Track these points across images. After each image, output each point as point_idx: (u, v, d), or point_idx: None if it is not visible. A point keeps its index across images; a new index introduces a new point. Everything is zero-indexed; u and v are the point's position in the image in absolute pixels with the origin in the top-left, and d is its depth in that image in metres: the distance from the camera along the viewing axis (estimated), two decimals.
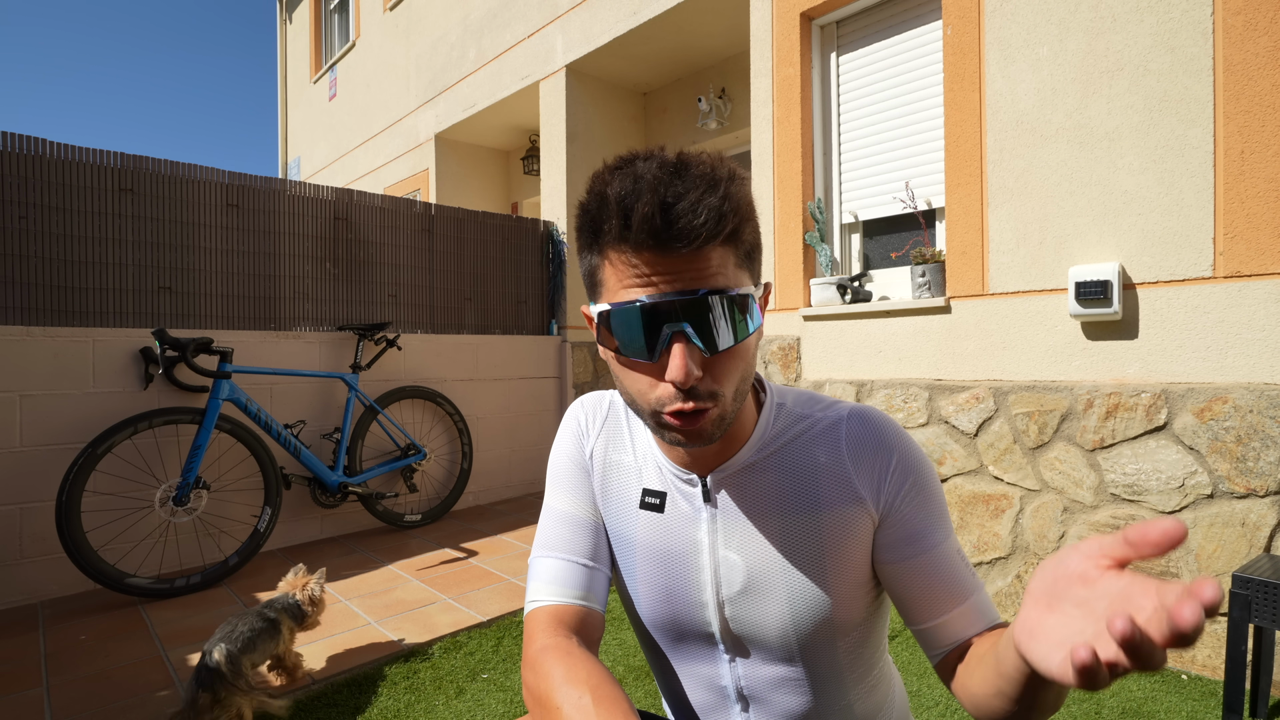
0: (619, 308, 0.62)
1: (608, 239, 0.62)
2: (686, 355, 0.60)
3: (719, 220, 0.58)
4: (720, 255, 0.61)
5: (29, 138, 2.78)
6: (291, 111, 9.53)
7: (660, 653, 0.82)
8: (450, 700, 1.93)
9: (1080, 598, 0.44)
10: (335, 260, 3.70)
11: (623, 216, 0.59)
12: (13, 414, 2.65)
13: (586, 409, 0.86)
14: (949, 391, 2.58)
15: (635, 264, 0.60)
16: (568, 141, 4.84)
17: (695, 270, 0.60)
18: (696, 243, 0.58)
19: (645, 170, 0.60)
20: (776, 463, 0.75)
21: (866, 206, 3.06)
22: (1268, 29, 1.94)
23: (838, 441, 0.74)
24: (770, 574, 0.73)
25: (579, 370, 4.71)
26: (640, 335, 0.61)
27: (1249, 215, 1.98)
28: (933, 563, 0.70)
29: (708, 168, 0.61)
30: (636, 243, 0.59)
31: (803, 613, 0.73)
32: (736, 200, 0.60)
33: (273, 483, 3.01)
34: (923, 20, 2.84)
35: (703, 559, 0.76)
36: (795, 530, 0.73)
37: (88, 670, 2.06)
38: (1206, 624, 1.96)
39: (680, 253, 0.59)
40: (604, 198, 0.61)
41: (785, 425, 0.76)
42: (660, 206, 0.58)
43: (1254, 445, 1.92)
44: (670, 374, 0.61)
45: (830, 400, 0.79)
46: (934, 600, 0.70)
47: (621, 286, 0.62)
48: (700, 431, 0.64)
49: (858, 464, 0.73)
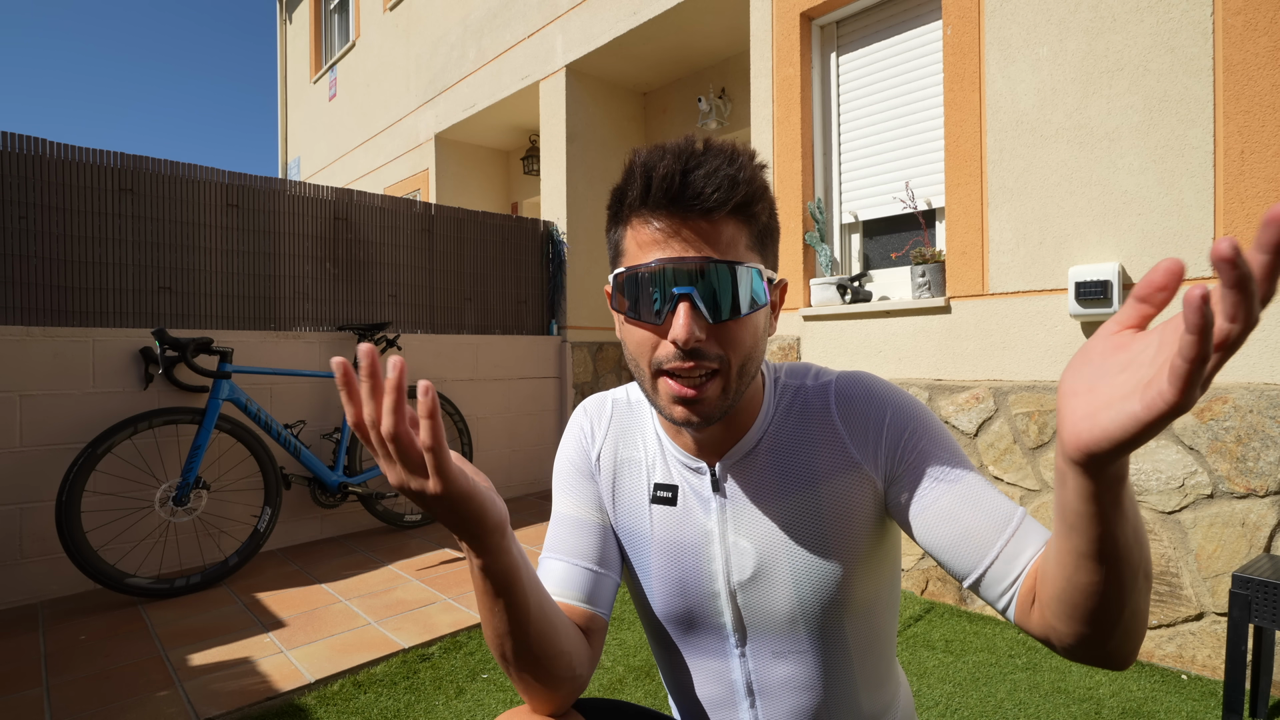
0: (633, 270, 0.66)
1: (630, 204, 0.67)
2: (690, 316, 0.63)
3: (732, 187, 0.63)
4: (733, 230, 0.65)
5: (29, 138, 2.78)
6: (291, 111, 9.53)
7: (671, 648, 0.82)
8: (450, 700, 1.93)
9: (1121, 363, 0.42)
10: (335, 260, 3.70)
11: (645, 179, 0.64)
12: (13, 414, 2.65)
13: (590, 413, 0.86)
14: (949, 391, 2.58)
15: (654, 227, 0.65)
16: (568, 141, 4.84)
17: (708, 240, 0.64)
18: (710, 205, 0.63)
19: (671, 145, 0.66)
20: (774, 441, 0.75)
21: (866, 206, 3.06)
22: (1268, 29, 1.94)
23: (828, 407, 0.74)
24: (776, 556, 0.73)
25: (579, 370, 4.71)
26: (650, 296, 0.65)
27: (1249, 215, 1.98)
28: (962, 495, 0.66)
29: (729, 146, 0.66)
30: (654, 204, 0.64)
31: (808, 593, 0.73)
32: (751, 174, 0.65)
33: (273, 483, 3.01)
34: (922, 20, 2.84)
35: (714, 548, 0.76)
36: (796, 508, 0.73)
37: (88, 670, 2.06)
38: (1207, 624, 1.96)
39: (695, 219, 0.64)
40: (631, 168, 0.67)
41: (777, 399, 0.77)
42: (681, 170, 0.63)
43: (1254, 445, 1.92)
44: (673, 332, 0.64)
45: (818, 368, 0.79)
46: (979, 536, 0.64)
47: (640, 251, 0.67)
48: (704, 401, 0.66)
49: (850, 426, 0.73)
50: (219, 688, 1.94)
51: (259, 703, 1.88)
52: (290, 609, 2.53)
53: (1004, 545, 0.63)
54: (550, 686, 0.68)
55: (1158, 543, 2.08)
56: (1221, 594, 1.96)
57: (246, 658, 2.13)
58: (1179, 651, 2.05)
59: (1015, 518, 0.64)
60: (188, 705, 1.85)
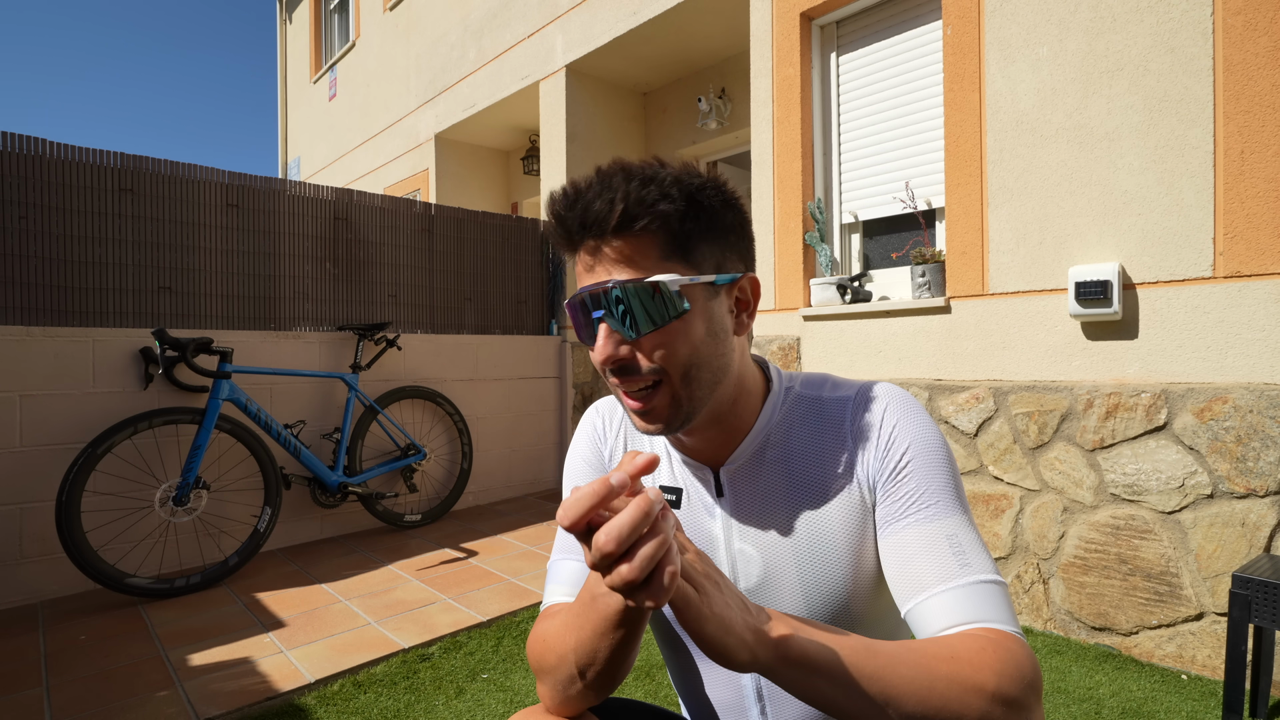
0: (569, 302, 0.70)
1: (559, 244, 0.70)
2: (607, 338, 0.67)
3: (610, 207, 0.64)
4: (638, 245, 0.66)
5: (29, 138, 2.78)
6: (291, 111, 9.53)
7: (681, 651, 0.82)
8: (450, 700, 1.93)
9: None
10: (335, 260, 3.70)
11: (555, 219, 0.68)
12: (13, 414, 2.65)
13: (602, 413, 0.87)
14: (949, 391, 2.58)
15: (581, 259, 0.69)
16: (568, 141, 4.84)
17: (618, 261, 0.66)
18: (604, 229, 0.65)
19: (572, 180, 0.68)
20: (784, 451, 0.74)
21: (866, 206, 3.06)
22: (1268, 29, 1.94)
23: (843, 422, 0.74)
24: (784, 565, 0.73)
25: (579, 370, 4.71)
26: (581, 322, 0.70)
27: (1249, 215, 1.98)
28: (911, 541, 0.65)
29: (623, 165, 0.67)
30: (571, 241, 0.68)
31: (818, 604, 0.73)
32: (632, 190, 0.64)
33: (273, 483, 3.01)
34: (923, 20, 2.84)
35: (719, 554, 0.76)
36: (806, 520, 0.73)
37: (88, 670, 2.06)
38: (1207, 624, 1.96)
39: (608, 242, 0.66)
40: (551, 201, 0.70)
41: (791, 409, 0.76)
42: (567, 206, 0.66)
43: (1254, 445, 1.92)
44: (594, 355, 0.68)
45: (843, 381, 0.78)
46: (908, 580, 0.64)
47: (579, 281, 0.70)
48: (653, 411, 0.69)
49: (859, 441, 0.72)
50: (219, 688, 1.94)
51: (259, 703, 1.88)
52: (290, 609, 2.53)
53: (917, 602, 0.63)
54: (600, 697, 0.68)
55: (1158, 543, 2.08)
56: (1221, 594, 1.96)
57: (246, 658, 2.13)
58: (1179, 651, 2.05)
59: (952, 581, 0.62)
60: (188, 705, 1.85)
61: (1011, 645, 0.58)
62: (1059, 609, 2.30)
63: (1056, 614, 2.31)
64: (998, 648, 0.57)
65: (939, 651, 0.57)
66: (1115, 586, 2.17)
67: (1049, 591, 2.32)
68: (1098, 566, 2.21)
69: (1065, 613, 2.29)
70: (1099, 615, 2.21)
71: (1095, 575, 2.21)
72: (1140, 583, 2.12)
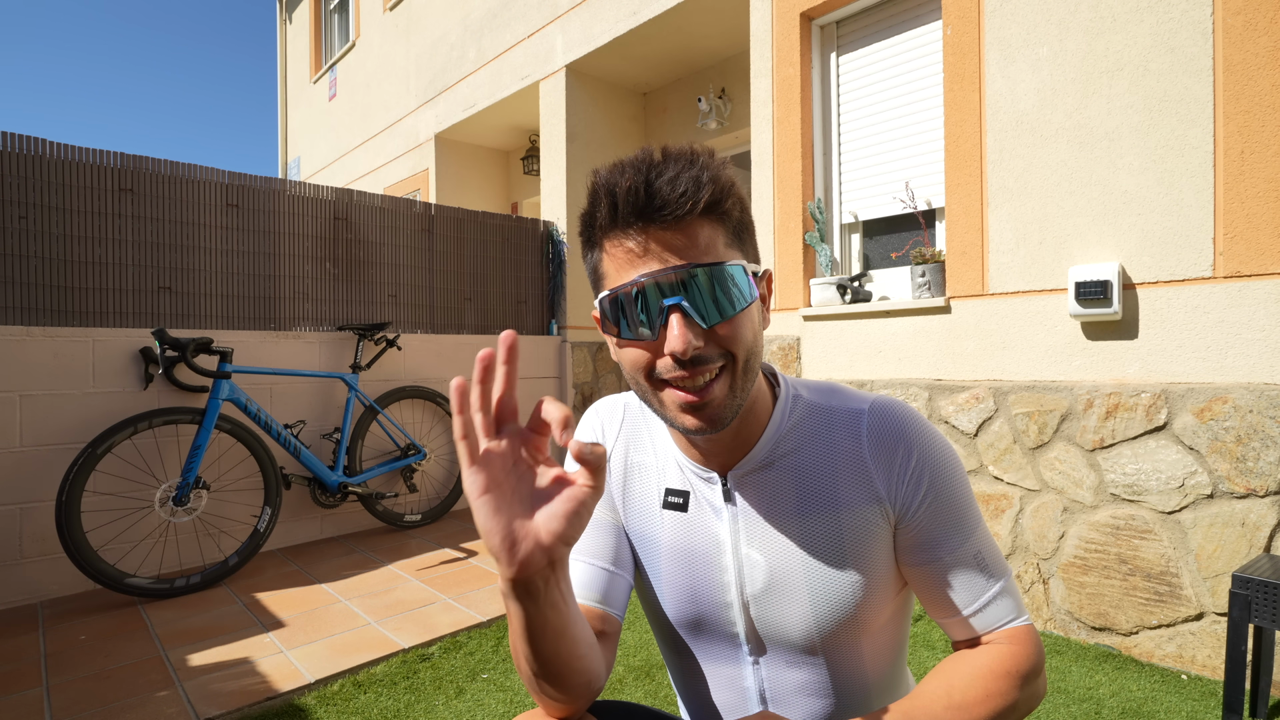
0: (618, 291, 0.65)
1: (600, 227, 0.66)
2: (684, 326, 0.62)
3: (698, 188, 0.62)
4: (708, 232, 0.64)
5: (29, 138, 2.78)
6: (291, 111, 9.53)
7: (684, 653, 0.82)
8: (450, 700, 1.93)
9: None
10: (335, 260, 3.69)
11: (610, 199, 0.63)
12: (13, 414, 2.65)
13: (602, 414, 0.86)
14: (949, 391, 2.58)
15: (628, 246, 0.64)
16: (568, 141, 4.84)
17: (684, 246, 0.63)
18: (681, 211, 0.62)
19: (629, 159, 0.65)
20: (795, 459, 0.74)
21: (866, 206, 3.06)
22: (1268, 29, 1.94)
23: (858, 436, 0.73)
24: (792, 573, 0.73)
25: (579, 370, 4.71)
26: (640, 313, 0.64)
27: (1249, 215, 1.98)
28: (945, 569, 0.72)
29: (686, 150, 0.65)
30: (624, 221, 0.63)
31: (825, 613, 0.72)
32: (715, 172, 0.64)
33: (273, 483, 3.01)
34: (923, 20, 2.84)
35: (725, 558, 0.75)
36: (816, 529, 0.72)
37: (88, 670, 2.06)
38: (1207, 624, 1.95)
39: (667, 227, 0.63)
40: (594, 189, 0.66)
41: (803, 418, 0.75)
42: (644, 182, 0.62)
43: (1254, 445, 1.92)
44: (670, 345, 0.63)
45: (851, 391, 0.77)
46: (943, 602, 0.73)
47: (619, 273, 0.65)
48: (712, 402, 0.65)
49: (877, 460, 0.72)
50: (219, 688, 1.94)
51: (259, 703, 1.88)
52: (290, 609, 2.53)
53: (952, 620, 0.74)
54: (566, 697, 0.67)
55: (1158, 543, 2.08)
56: (1221, 594, 1.96)
57: (246, 658, 2.13)
58: (1179, 651, 2.05)
59: (974, 603, 0.72)
60: (188, 705, 1.85)
61: (1023, 639, 0.71)
62: (1059, 609, 2.30)
63: (1056, 614, 2.31)
64: (1015, 656, 0.70)
65: (974, 695, 0.67)
66: (1115, 586, 2.17)
67: (1049, 591, 2.32)
68: (1098, 566, 2.21)
69: (1065, 613, 2.29)
70: (1099, 615, 2.21)
71: (1095, 575, 2.21)
72: (1140, 583, 2.12)
